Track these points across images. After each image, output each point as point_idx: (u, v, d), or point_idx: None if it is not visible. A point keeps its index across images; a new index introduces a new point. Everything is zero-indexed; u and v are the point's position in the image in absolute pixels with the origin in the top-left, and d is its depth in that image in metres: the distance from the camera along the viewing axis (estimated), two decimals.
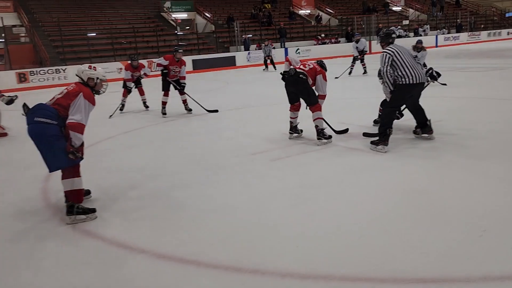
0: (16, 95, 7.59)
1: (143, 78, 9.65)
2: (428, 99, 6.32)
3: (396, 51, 5.18)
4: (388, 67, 5.14)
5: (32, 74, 17.03)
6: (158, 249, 3.12)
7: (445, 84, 10.35)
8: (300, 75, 5.62)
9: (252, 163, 5.14)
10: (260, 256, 2.94)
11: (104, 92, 4.00)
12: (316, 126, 5.66)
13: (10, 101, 7.37)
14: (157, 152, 5.99)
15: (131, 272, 2.86)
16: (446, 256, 2.76)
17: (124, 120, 8.78)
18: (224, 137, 6.65)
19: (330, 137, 5.71)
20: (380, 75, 5.70)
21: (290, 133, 6.13)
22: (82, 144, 3.72)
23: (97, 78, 3.88)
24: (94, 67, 3.94)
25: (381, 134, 5.22)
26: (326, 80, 5.85)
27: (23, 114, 3.64)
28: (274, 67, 18.59)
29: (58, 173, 3.75)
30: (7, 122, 7.85)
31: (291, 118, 6.07)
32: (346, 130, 6.18)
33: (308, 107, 5.75)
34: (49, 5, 23.45)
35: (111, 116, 8.88)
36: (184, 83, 8.70)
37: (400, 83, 5.15)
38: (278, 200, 3.94)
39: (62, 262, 3.05)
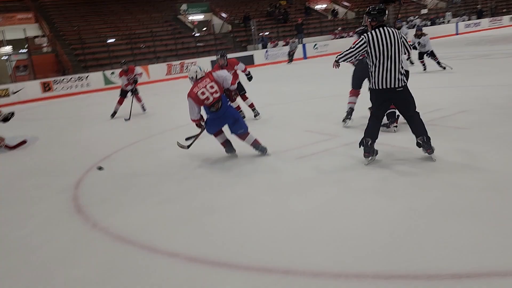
0: (13, 112, 7.55)
1: (138, 79, 10.02)
2: (448, 89, 6.19)
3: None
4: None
5: (56, 83, 17.40)
6: (189, 252, 3.14)
7: (445, 68, 10.97)
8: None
9: (277, 162, 5.13)
10: (290, 256, 2.93)
11: None
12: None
13: (5, 119, 7.28)
14: (176, 156, 6.02)
15: (162, 277, 2.88)
16: (479, 251, 2.71)
17: (128, 130, 8.54)
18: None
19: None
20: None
21: (348, 118, 6.21)
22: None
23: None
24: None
25: (363, 145, 4.61)
26: None
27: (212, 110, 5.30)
28: (291, 60, 21.21)
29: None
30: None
31: (351, 103, 6.20)
32: None
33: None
34: (69, 14, 23.90)
35: (127, 119, 9.41)
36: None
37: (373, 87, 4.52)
38: (305, 199, 3.93)
39: (94, 270, 3.11)
